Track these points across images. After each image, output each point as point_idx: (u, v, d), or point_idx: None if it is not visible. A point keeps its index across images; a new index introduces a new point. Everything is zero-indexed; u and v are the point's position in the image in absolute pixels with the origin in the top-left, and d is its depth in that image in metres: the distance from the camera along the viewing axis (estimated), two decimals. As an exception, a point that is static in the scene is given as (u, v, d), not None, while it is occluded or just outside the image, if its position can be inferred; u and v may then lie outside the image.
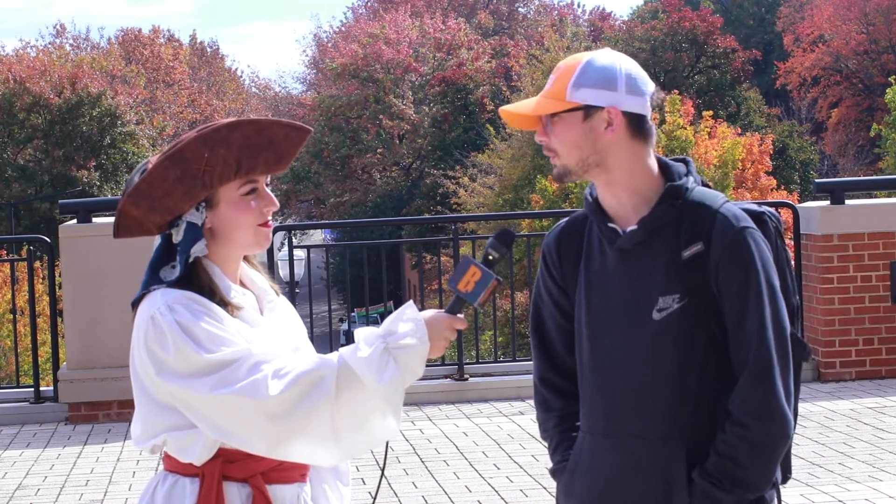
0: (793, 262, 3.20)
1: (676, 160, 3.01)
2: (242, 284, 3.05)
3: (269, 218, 2.99)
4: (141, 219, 2.93)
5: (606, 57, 2.94)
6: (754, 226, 2.90)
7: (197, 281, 2.92)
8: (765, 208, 3.00)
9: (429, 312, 2.92)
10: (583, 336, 3.00)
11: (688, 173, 2.97)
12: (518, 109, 3.01)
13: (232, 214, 2.93)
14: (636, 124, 2.92)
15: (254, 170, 2.92)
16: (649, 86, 2.94)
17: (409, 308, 2.90)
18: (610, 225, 2.96)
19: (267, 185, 3.00)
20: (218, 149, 2.88)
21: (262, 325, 2.99)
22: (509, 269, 11.87)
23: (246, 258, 3.09)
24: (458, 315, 2.93)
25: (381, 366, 2.82)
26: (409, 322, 2.87)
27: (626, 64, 2.93)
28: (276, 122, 2.96)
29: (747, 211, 2.95)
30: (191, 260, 2.90)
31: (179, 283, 2.90)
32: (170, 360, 2.83)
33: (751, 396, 2.83)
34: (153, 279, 2.93)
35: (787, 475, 3.02)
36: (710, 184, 3.05)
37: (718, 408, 2.87)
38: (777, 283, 2.89)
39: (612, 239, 2.95)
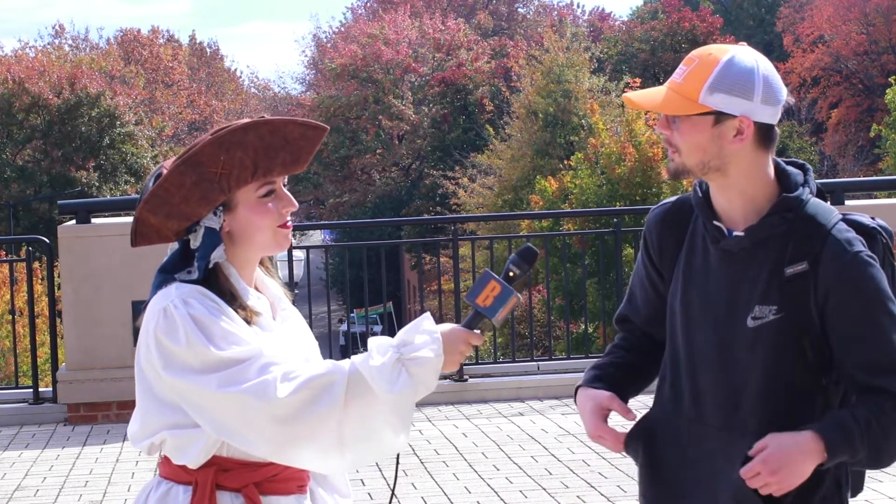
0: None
1: (793, 164, 2.93)
2: (257, 289, 3.02)
3: (289, 219, 2.95)
4: (159, 226, 2.90)
5: (747, 58, 2.82)
6: (867, 248, 2.82)
7: (216, 285, 2.88)
8: (877, 222, 2.91)
9: (446, 326, 2.89)
10: (676, 326, 2.96)
11: (805, 183, 2.89)
12: (646, 101, 2.88)
13: (251, 217, 2.90)
14: (764, 133, 2.84)
15: (271, 171, 2.88)
16: (783, 93, 2.85)
17: (425, 319, 2.86)
18: (715, 223, 2.89)
19: (285, 185, 2.96)
20: (233, 151, 2.84)
21: (275, 330, 2.96)
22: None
23: (262, 264, 3.05)
24: (475, 330, 2.90)
25: (392, 376, 2.78)
26: (424, 334, 2.83)
27: (764, 69, 2.82)
28: (291, 121, 2.92)
29: (858, 224, 2.87)
30: (210, 266, 2.88)
31: (196, 284, 2.87)
32: (180, 352, 2.80)
33: None
34: (167, 280, 2.89)
35: (857, 490, 2.98)
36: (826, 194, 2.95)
37: (800, 420, 2.83)
38: (894, 301, 2.82)
39: (715, 237, 2.90)
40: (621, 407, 2.96)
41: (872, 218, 2.93)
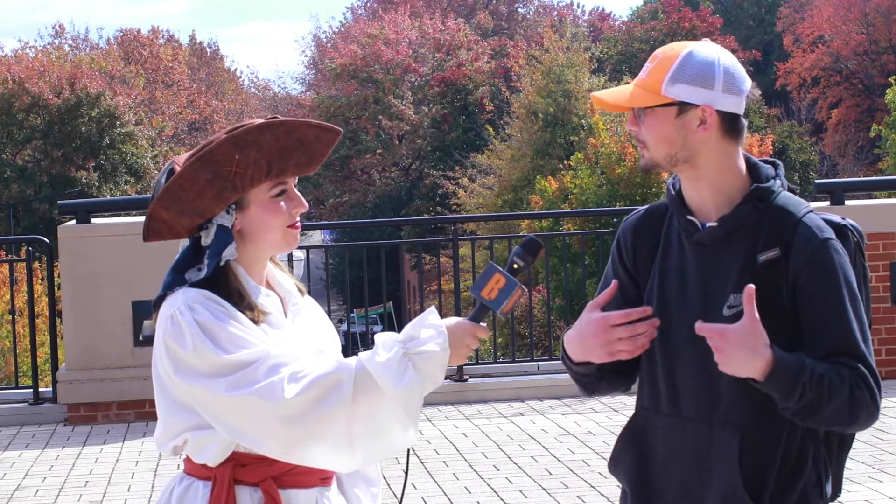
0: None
1: (766, 161, 2.97)
2: (268, 285, 3.03)
3: (298, 219, 2.97)
4: (171, 222, 2.91)
5: (706, 51, 2.88)
6: (835, 237, 2.87)
7: (225, 284, 2.89)
8: (847, 221, 2.95)
9: (451, 320, 2.90)
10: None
11: (776, 176, 2.94)
12: (611, 98, 2.95)
13: (262, 216, 2.92)
14: (729, 123, 2.88)
15: (284, 172, 2.90)
16: (746, 83, 2.89)
17: (431, 314, 2.88)
18: (689, 217, 2.93)
19: (295, 185, 2.98)
20: (248, 151, 2.86)
21: (285, 327, 2.97)
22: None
23: (272, 259, 3.07)
24: (481, 323, 2.90)
25: (399, 371, 2.79)
26: (430, 328, 2.84)
27: (725, 60, 2.87)
28: (306, 122, 2.94)
29: (829, 222, 2.91)
30: (221, 263, 2.89)
31: (204, 285, 2.88)
32: (188, 358, 2.82)
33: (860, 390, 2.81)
34: (177, 280, 2.91)
35: (836, 493, 2.98)
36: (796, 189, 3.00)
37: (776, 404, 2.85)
38: (858, 294, 2.87)
39: (689, 231, 2.93)
40: (621, 314, 2.87)
41: (843, 218, 2.97)
